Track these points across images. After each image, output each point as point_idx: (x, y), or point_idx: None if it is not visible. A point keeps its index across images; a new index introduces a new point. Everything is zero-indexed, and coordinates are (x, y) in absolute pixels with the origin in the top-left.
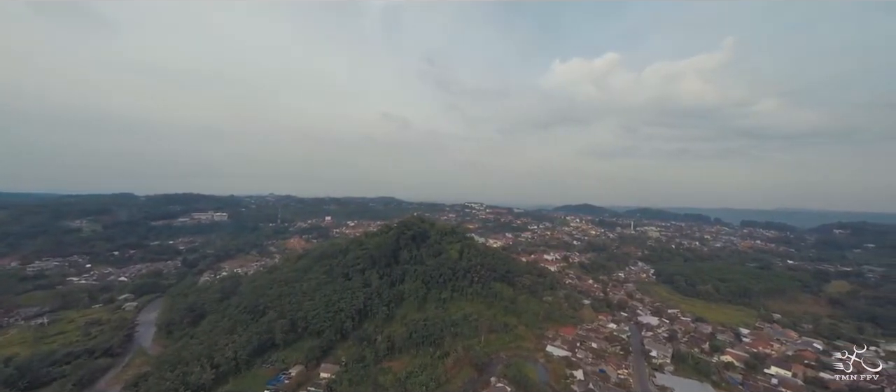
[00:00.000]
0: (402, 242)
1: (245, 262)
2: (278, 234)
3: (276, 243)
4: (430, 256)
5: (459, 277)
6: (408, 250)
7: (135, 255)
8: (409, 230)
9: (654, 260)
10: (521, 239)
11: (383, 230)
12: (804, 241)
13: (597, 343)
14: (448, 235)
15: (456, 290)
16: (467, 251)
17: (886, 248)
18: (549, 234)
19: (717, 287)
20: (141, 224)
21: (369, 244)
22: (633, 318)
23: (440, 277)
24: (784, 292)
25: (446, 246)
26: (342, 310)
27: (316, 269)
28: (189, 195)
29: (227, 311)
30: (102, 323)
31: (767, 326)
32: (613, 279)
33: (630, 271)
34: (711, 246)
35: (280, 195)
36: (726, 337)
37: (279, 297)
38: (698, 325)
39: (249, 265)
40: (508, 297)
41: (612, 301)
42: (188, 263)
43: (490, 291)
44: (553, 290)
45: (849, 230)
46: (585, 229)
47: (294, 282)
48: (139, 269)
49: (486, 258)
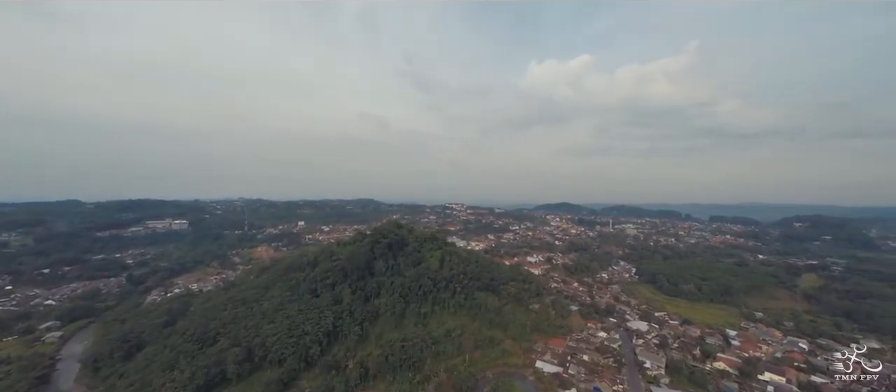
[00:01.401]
0: (377, 252)
1: (203, 276)
2: (244, 242)
3: (241, 253)
4: (409, 266)
5: (441, 289)
6: (384, 260)
7: (70, 272)
8: (385, 238)
9: (635, 259)
10: (503, 240)
11: (357, 238)
12: (768, 235)
13: (588, 355)
14: (428, 242)
15: (437, 302)
16: (449, 259)
17: (841, 240)
18: (531, 235)
19: (699, 286)
20: (83, 235)
21: (341, 254)
22: (622, 324)
23: (419, 289)
24: (762, 289)
25: (426, 254)
26: (308, 333)
27: (280, 284)
28: (145, 201)
29: (170, 339)
30: (11, 361)
31: (752, 326)
32: (597, 281)
33: (613, 271)
34: (686, 242)
35: (251, 199)
36: (716, 340)
37: (234, 320)
38: (687, 329)
39: (208, 280)
40: (494, 308)
41: (600, 306)
42: (134, 280)
43: (474, 302)
44: (539, 297)
45: (808, 223)
46: (566, 228)
47: (253, 301)
48: (74, 290)
49: (468, 266)
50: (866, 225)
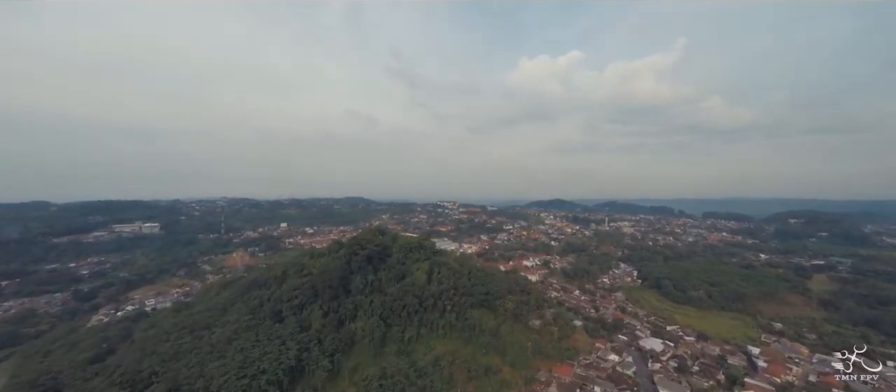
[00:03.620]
0: (354, 265)
1: (165, 288)
2: (218, 247)
3: (213, 260)
4: (392, 281)
5: (428, 307)
6: (362, 275)
7: (8, 287)
8: (364, 248)
9: (635, 260)
10: (497, 242)
11: (332, 249)
12: (763, 232)
13: (600, 386)
14: (414, 252)
15: (424, 324)
16: (438, 271)
17: (837, 236)
18: (526, 235)
19: (708, 293)
20: (38, 242)
21: (313, 268)
22: (633, 343)
23: (403, 309)
24: (774, 294)
25: (411, 266)
26: (264, 371)
27: (239, 305)
28: (116, 202)
29: (91, 383)
30: None
31: (774, 341)
32: (599, 287)
33: (614, 275)
34: (684, 241)
35: (234, 199)
36: (739, 361)
37: (176, 354)
38: (704, 346)
39: (169, 293)
40: (489, 329)
41: (606, 320)
42: (81, 296)
43: (466, 323)
44: (539, 309)
45: (803, 220)
46: (561, 227)
47: (205, 327)
48: (7, 310)
49: (460, 279)
50: (860, 220)
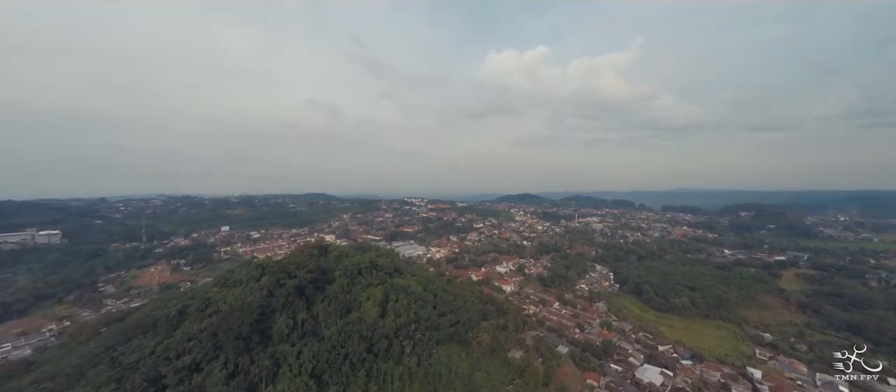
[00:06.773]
0: (280, 299)
1: (40, 322)
2: (134, 259)
3: (122, 276)
4: (333, 317)
5: (380, 353)
6: (289, 313)
7: None
8: (294, 276)
9: (609, 260)
10: (467, 243)
11: (251, 277)
12: (719, 224)
13: None
14: (364, 275)
15: (374, 377)
16: (395, 300)
17: (784, 228)
18: (498, 234)
19: (692, 299)
20: None
21: (223, 302)
22: (628, 374)
23: (346, 360)
24: (753, 297)
25: (359, 295)
26: None
27: (104, 367)
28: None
29: None
30: None
31: (769, 357)
32: (578, 295)
33: (592, 280)
34: (651, 236)
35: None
36: (743, 388)
37: None
38: (702, 371)
39: (41, 331)
40: (462, 371)
41: (594, 343)
42: None
43: (431, 370)
44: (519, 334)
45: (752, 212)
46: (532, 224)
47: None
48: None
49: (423, 308)
50: (798, 212)
